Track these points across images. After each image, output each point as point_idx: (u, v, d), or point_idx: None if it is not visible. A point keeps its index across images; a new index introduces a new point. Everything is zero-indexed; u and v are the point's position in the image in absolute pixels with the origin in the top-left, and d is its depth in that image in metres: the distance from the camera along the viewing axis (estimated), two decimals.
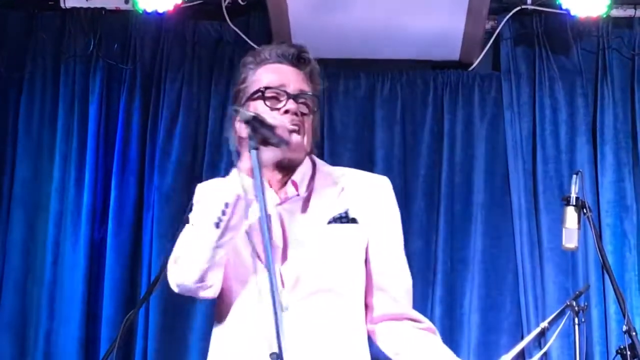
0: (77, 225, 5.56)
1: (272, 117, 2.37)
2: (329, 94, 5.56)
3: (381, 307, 2.52)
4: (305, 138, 2.47)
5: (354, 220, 2.47)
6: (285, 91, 2.45)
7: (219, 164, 5.60)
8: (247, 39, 5.67)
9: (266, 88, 2.44)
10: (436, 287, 5.35)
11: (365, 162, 5.51)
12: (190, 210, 2.51)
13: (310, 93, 2.49)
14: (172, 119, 5.72)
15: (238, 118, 2.34)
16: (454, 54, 5.75)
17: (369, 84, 5.67)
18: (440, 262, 5.39)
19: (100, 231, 5.62)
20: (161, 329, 5.43)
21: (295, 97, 2.44)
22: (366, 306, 2.53)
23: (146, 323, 5.45)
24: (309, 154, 2.56)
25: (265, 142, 2.29)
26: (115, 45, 5.80)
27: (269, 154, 2.34)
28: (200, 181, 5.33)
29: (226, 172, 2.49)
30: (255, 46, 5.56)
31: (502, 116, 5.69)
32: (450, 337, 5.29)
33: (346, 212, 2.48)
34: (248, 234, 2.39)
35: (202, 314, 5.43)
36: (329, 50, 5.32)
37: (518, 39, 5.81)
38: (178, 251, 2.41)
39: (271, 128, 2.30)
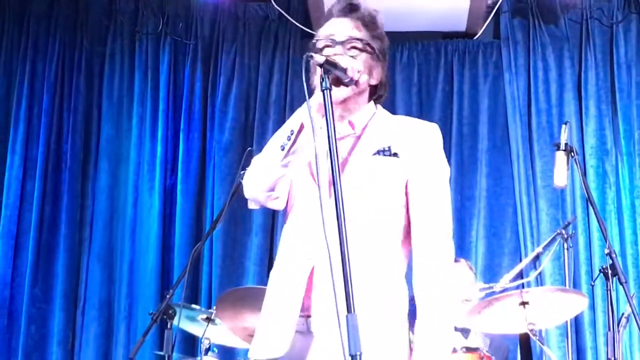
0: (152, 174, 5.86)
1: (343, 60, 2.39)
2: None
3: (414, 247, 2.45)
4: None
5: (395, 155, 2.44)
6: (332, 39, 2.47)
7: (267, 121, 5.86)
8: (288, 17, 5.99)
9: (317, 40, 2.50)
10: None
11: None
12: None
13: (358, 37, 2.48)
14: (228, 84, 6.00)
15: (313, 62, 2.34)
16: (461, 26, 5.97)
17: (389, 52, 5.91)
18: (452, 200, 5.35)
19: (171, 178, 5.89)
20: (223, 257, 5.71)
21: (342, 43, 2.46)
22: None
23: (211, 253, 5.73)
24: (376, 100, 2.60)
25: (338, 82, 2.37)
26: (181, 24, 6.07)
27: (341, 92, 2.40)
28: (252, 136, 5.39)
29: (274, 129, 2.71)
30: (294, 22, 5.94)
31: (502, 77, 5.91)
32: None
33: (389, 147, 2.45)
34: (310, 163, 2.42)
35: (257, 244, 5.72)
36: None
37: (515, 11, 5.99)
38: (253, 166, 2.49)
39: (343, 70, 2.36)
